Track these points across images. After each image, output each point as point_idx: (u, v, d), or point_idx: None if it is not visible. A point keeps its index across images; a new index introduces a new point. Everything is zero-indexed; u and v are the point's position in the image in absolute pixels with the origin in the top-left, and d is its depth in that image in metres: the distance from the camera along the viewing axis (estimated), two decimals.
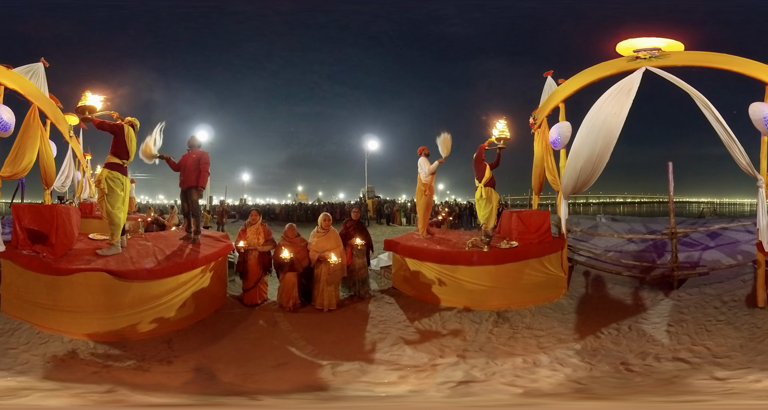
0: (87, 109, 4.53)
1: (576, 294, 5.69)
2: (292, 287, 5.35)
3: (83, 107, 4.53)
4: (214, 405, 3.03)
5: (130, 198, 7.63)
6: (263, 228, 5.75)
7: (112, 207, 4.74)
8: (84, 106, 4.53)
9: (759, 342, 3.79)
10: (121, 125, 4.87)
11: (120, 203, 4.81)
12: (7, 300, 4.40)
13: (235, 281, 6.26)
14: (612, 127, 4.97)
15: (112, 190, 4.74)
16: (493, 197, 6.45)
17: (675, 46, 4.98)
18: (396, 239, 6.45)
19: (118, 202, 4.79)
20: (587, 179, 5.39)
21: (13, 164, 5.13)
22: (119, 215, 4.79)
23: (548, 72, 6.42)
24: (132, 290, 4.26)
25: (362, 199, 27.69)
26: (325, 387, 3.32)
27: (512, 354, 3.98)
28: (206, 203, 21.44)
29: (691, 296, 5.19)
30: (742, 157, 4.63)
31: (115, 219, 4.75)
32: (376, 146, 34.66)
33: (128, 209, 5.17)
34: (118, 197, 4.79)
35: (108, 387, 3.09)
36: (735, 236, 7.03)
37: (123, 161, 4.89)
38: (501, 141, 6.24)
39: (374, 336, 4.50)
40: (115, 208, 4.75)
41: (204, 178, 5.71)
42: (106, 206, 4.74)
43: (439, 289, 5.45)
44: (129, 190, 5.09)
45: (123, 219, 4.89)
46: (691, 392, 2.99)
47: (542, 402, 3.03)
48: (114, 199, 4.76)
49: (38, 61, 5.85)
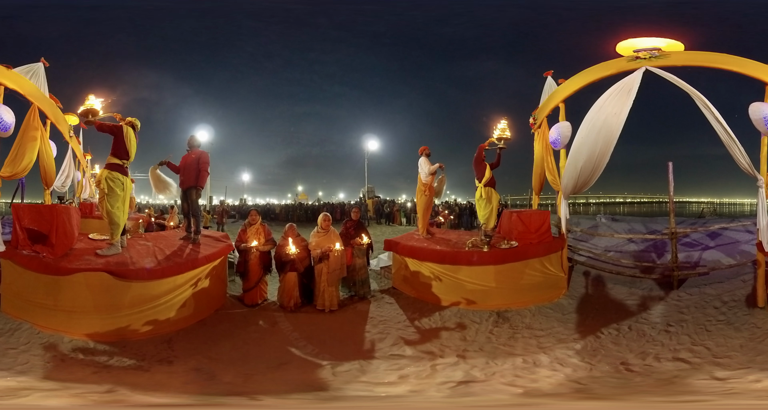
0: (90, 112, 4.55)
1: (576, 294, 5.69)
2: (293, 287, 5.35)
3: (86, 111, 4.54)
4: (214, 405, 3.03)
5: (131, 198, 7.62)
6: (263, 228, 5.75)
7: (112, 207, 4.74)
8: (87, 109, 4.54)
9: (759, 342, 3.79)
10: (120, 126, 4.87)
11: (120, 203, 4.81)
12: (7, 300, 4.40)
13: (235, 281, 6.26)
14: (612, 127, 4.97)
15: (112, 190, 4.74)
16: (493, 197, 6.41)
17: (675, 46, 4.98)
18: (396, 239, 6.45)
19: (117, 202, 4.79)
20: (588, 179, 5.39)
21: (13, 164, 5.13)
22: (119, 215, 4.79)
23: (548, 72, 6.42)
24: (132, 290, 4.26)
25: (362, 199, 27.69)
26: (325, 387, 3.32)
27: (512, 354, 3.98)
28: (206, 203, 21.45)
29: (691, 296, 5.19)
30: (742, 157, 4.63)
31: (114, 219, 4.75)
32: (376, 146, 34.64)
33: (128, 210, 5.17)
34: (117, 197, 4.79)
35: (108, 387, 3.09)
36: (735, 236, 7.03)
37: (123, 161, 4.89)
38: (501, 141, 6.23)
39: (374, 336, 4.50)
40: (114, 208, 4.75)
41: (203, 178, 5.71)
42: (106, 205, 4.74)
43: (439, 289, 5.45)
44: (130, 190, 5.09)
45: (123, 219, 4.89)
46: (691, 392, 2.99)
47: (542, 402, 3.03)
48: (114, 199, 4.77)
49: (38, 61, 5.86)
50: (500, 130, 6.21)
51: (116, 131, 4.84)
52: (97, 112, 4.60)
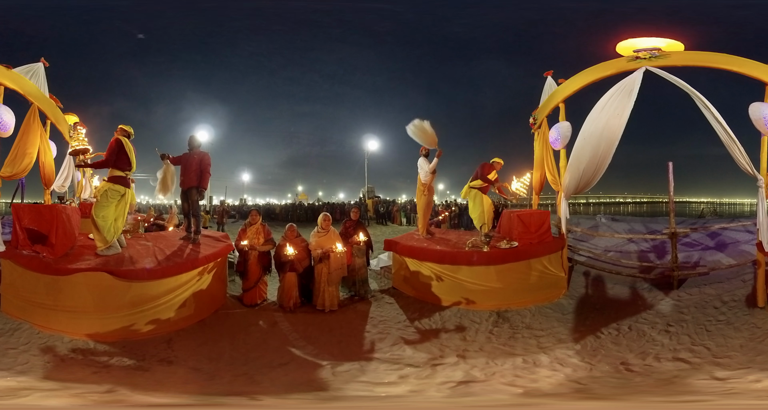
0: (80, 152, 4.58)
1: (576, 294, 5.69)
2: (292, 288, 5.35)
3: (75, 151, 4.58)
4: (214, 405, 3.03)
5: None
6: (263, 228, 5.75)
7: (96, 215, 4.69)
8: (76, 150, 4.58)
9: (759, 342, 3.79)
10: (117, 140, 4.86)
11: (105, 212, 4.73)
12: (7, 300, 4.41)
13: (235, 281, 6.26)
14: (614, 128, 4.98)
15: (106, 199, 4.73)
16: (484, 201, 6.62)
17: (675, 46, 4.99)
18: (396, 239, 6.45)
19: (102, 211, 4.73)
20: (590, 180, 5.40)
21: (13, 164, 5.13)
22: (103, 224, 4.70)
23: (548, 72, 6.42)
24: (132, 290, 4.26)
25: (362, 199, 27.67)
26: (325, 387, 3.32)
27: (512, 354, 3.98)
28: (206, 204, 21.45)
29: (691, 296, 5.19)
30: (742, 157, 4.63)
31: (97, 226, 4.68)
32: (376, 146, 34.48)
33: (128, 210, 5.17)
34: (105, 209, 4.73)
35: (108, 387, 3.09)
36: (735, 236, 7.03)
37: (126, 172, 4.90)
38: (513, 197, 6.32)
39: (374, 336, 4.50)
40: (98, 217, 4.69)
41: (206, 179, 5.73)
42: (92, 211, 4.72)
43: (439, 289, 5.45)
44: (128, 199, 5.04)
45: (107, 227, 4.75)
46: (691, 392, 2.99)
47: (542, 402, 3.03)
48: (100, 208, 4.72)
49: (38, 61, 5.86)
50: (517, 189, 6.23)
51: (117, 148, 4.83)
52: (87, 150, 4.63)
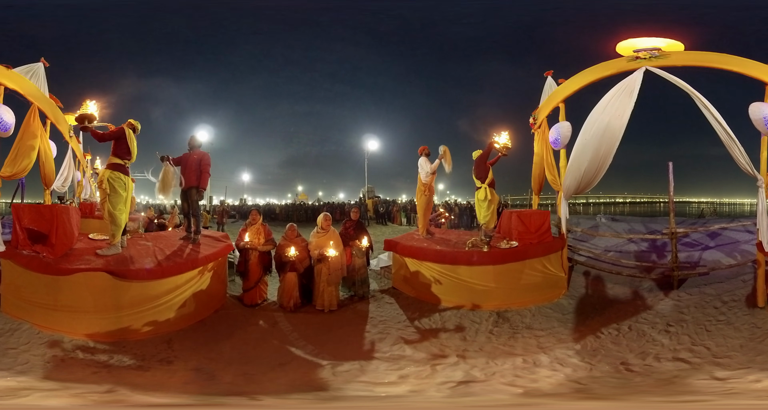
0: (86, 118, 4.55)
1: (576, 294, 5.69)
2: (292, 288, 5.35)
3: (82, 116, 4.54)
4: (214, 405, 3.03)
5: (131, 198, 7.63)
6: (263, 228, 5.75)
7: (114, 208, 4.74)
8: (83, 115, 4.54)
9: (759, 342, 3.78)
10: (121, 128, 4.91)
11: (122, 204, 4.82)
12: (7, 300, 4.40)
13: (235, 281, 6.26)
14: (615, 128, 4.98)
15: (115, 190, 4.75)
16: (494, 198, 6.51)
17: (675, 46, 4.99)
18: (396, 239, 6.45)
19: (120, 203, 4.80)
20: (591, 181, 5.39)
21: (13, 164, 5.12)
22: (121, 216, 4.80)
23: (548, 72, 6.42)
24: (132, 290, 4.26)
25: (362, 199, 27.67)
26: (325, 387, 3.32)
27: (512, 354, 3.98)
28: (206, 203, 21.43)
29: (691, 296, 5.19)
30: (742, 157, 4.62)
31: (116, 220, 4.76)
32: (377, 146, 34.46)
33: (129, 209, 5.17)
34: (120, 198, 4.80)
35: (108, 387, 3.09)
36: (735, 236, 7.02)
37: (125, 161, 4.91)
38: (504, 149, 6.24)
39: (374, 336, 4.50)
40: (116, 209, 4.76)
41: (205, 179, 5.73)
42: (108, 206, 4.75)
43: (439, 289, 5.45)
44: (131, 190, 5.10)
45: (124, 220, 4.90)
46: (691, 392, 2.99)
47: (542, 402, 3.03)
48: (116, 200, 4.77)
49: (38, 61, 5.85)
50: (503, 143, 6.16)
51: (119, 134, 4.87)
52: (93, 117, 4.61)
